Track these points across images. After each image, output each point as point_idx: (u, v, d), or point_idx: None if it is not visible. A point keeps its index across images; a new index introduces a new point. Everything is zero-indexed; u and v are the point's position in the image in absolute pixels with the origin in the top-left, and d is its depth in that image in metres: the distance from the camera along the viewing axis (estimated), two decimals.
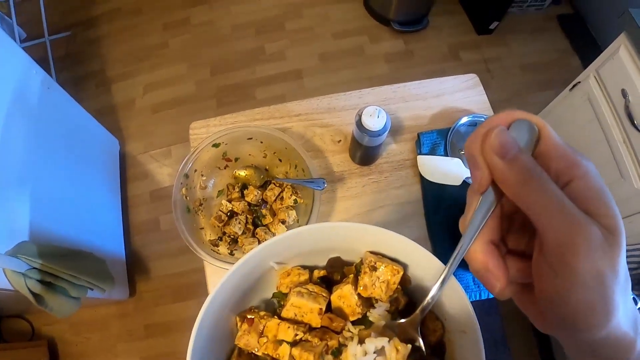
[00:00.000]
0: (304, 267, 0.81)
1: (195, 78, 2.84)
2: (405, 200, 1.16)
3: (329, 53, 2.90)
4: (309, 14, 3.04)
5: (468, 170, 1.13)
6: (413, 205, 1.16)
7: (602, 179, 0.36)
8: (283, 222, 1.07)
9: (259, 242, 1.06)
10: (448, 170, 1.14)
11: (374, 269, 0.73)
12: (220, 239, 1.08)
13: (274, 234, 1.07)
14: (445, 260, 1.09)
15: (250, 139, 1.10)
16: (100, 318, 2.25)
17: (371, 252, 0.76)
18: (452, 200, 1.14)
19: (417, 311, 0.62)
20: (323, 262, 0.83)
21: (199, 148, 1.06)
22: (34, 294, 1.44)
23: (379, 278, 0.73)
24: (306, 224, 0.99)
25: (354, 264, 0.80)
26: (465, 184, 1.14)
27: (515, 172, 0.36)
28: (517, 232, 0.44)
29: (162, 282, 2.31)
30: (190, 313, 2.23)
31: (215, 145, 1.08)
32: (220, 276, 1.06)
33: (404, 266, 0.75)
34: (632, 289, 1.45)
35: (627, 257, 1.14)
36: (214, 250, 1.03)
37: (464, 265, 1.05)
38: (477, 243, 0.42)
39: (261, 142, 1.11)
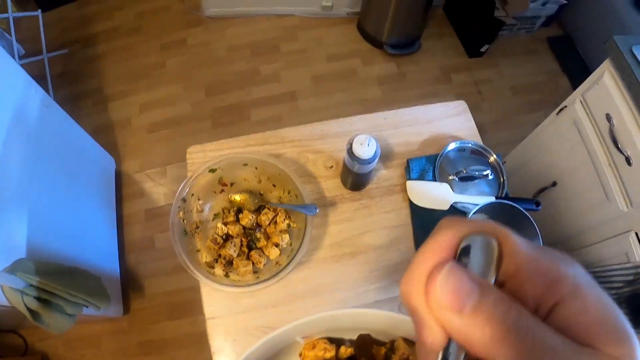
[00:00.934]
0: (331, 341, 0.75)
1: (191, 98, 2.86)
2: (395, 224, 1.19)
3: (323, 75, 2.94)
4: (304, 37, 3.08)
5: (456, 196, 1.17)
6: (402, 229, 1.19)
7: (597, 287, 0.27)
8: (277, 245, 1.10)
9: (254, 265, 1.09)
10: (436, 195, 1.18)
11: None
12: (216, 260, 1.10)
13: (267, 257, 1.10)
14: None
15: (246, 164, 1.14)
16: (94, 335, 2.24)
17: (404, 340, 0.70)
18: None
19: None
20: (351, 336, 0.77)
21: (196, 173, 1.09)
22: (31, 311, 1.45)
23: None
24: (299, 248, 1.03)
25: (384, 349, 0.73)
26: (453, 208, 1.18)
27: (481, 328, 0.24)
28: None
29: (156, 300, 2.32)
30: (184, 331, 2.24)
31: (212, 171, 1.11)
32: (216, 297, 1.09)
33: None
34: (620, 308, 1.48)
35: (614, 276, 1.17)
36: (209, 272, 1.06)
37: None
38: None
39: (256, 168, 1.15)
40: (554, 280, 0.26)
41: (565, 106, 1.78)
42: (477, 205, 1.07)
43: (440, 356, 0.27)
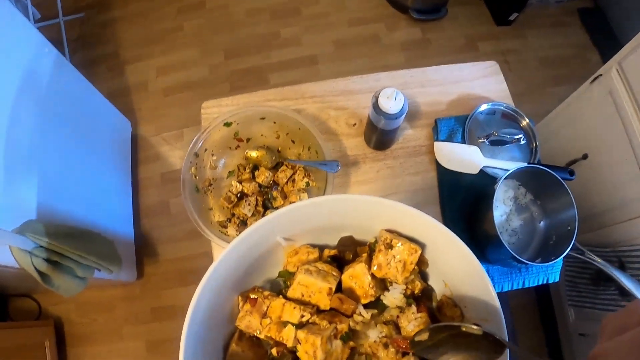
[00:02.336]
0: (314, 246, 0.77)
1: (209, 62, 2.81)
2: (420, 187, 1.14)
3: (345, 40, 2.86)
4: (325, 0, 3.00)
5: (486, 160, 1.11)
6: (427, 193, 1.13)
7: None
8: None
9: None
10: (465, 158, 1.12)
11: (389, 246, 0.69)
12: (229, 220, 1.06)
13: None
14: None
15: (263, 119, 1.08)
16: (107, 300, 2.25)
17: (387, 230, 0.72)
18: (469, 188, 1.11)
19: None
20: (333, 242, 0.79)
21: (210, 126, 1.04)
22: (40, 273, 1.43)
23: (395, 257, 0.69)
24: None
25: (368, 244, 0.76)
26: (482, 172, 1.11)
27: None
28: None
29: (169, 265, 2.31)
30: None
31: (227, 125, 1.06)
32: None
33: (422, 246, 0.70)
34: None
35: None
36: (222, 232, 1.01)
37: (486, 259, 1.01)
38: None
39: (274, 123, 1.09)
40: None
41: (600, 75, 1.69)
42: (508, 170, 1.00)
43: None
